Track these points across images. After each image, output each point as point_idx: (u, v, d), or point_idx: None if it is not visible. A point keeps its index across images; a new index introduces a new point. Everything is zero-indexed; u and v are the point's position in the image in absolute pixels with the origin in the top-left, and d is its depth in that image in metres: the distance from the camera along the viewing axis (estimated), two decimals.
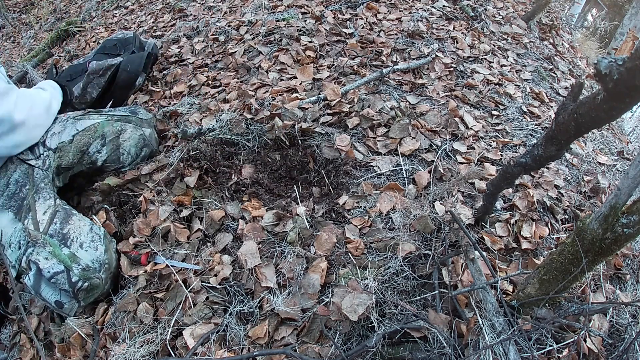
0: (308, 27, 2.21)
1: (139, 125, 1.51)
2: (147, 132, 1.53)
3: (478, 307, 0.97)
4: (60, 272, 1.11)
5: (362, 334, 1.02)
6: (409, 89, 1.83)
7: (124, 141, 1.46)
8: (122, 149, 1.45)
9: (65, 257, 1.13)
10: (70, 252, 1.15)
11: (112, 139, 1.44)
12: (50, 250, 1.13)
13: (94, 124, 1.42)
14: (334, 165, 1.48)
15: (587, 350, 0.96)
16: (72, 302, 1.15)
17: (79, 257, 1.14)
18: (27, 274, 1.14)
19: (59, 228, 1.18)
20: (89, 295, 1.17)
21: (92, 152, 1.41)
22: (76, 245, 1.16)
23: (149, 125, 1.56)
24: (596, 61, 0.58)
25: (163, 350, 1.06)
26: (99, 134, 1.42)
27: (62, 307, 1.15)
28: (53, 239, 1.16)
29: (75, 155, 1.38)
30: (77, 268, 1.13)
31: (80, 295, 1.14)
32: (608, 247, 0.76)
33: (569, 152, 1.69)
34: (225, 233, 1.28)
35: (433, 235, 1.20)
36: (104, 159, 1.43)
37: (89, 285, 1.13)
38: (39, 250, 1.13)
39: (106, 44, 2.07)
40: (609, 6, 7.56)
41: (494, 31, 2.49)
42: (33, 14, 4.39)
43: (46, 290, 1.14)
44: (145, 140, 1.52)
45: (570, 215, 1.37)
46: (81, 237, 1.18)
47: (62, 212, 1.23)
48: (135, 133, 1.48)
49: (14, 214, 1.18)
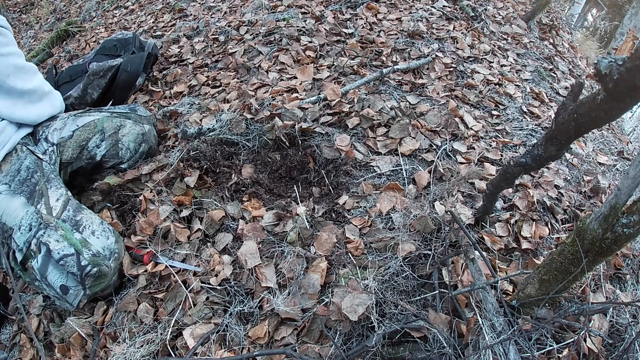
0: (308, 27, 2.21)
1: (138, 121, 1.53)
2: (146, 128, 1.54)
3: (478, 307, 0.97)
4: (71, 255, 1.12)
5: (362, 334, 1.02)
6: (409, 89, 1.83)
7: (123, 136, 1.47)
8: (121, 143, 1.47)
9: (76, 241, 1.14)
10: (82, 237, 1.16)
11: (111, 134, 1.46)
12: (62, 234, 1.14)
13: (93, 120, 1.45)
14: (334, 165, 1.48)
15: (587, 350, 0.96)
16: (78, 288, 1.14)
17: (90, 243, 1.15)
18: (35, 257, 1.13)
19: (72, 215, 1.20)
20: (96, 283, 1.16)
21: (91, 147, 1.43)
22: (88, 232, 1.18)
23: (148, 122, 1.58)
24: (596, 61, 0.58)
25: (163, 350, 1.06)
26: (98, 130, 1.44)
27: (67, 292, 1.14)
28: (66, 223, 1.17)
29: (74, 151, 1.40)
30: (87, 253, 1.13)
31: (87, 281, 1.13)
32: (608, 247, 0.76)
33: (569, 152, 1.69)
34: (225, 233, 1.28)
35: (433, 235, 1.20)
36: (103, 153, 1.45)
37: (97, 271, 1.13)
38: (50, 233, 1.14)
39: (106, 45, 2.06)
40: (609, 6, 7.56)
41: (494, 31, 2.49)
42: (33, 14, 4.39)
43: (53, 273, 1.13)
44: (145, 136, 1.53)
45: (570, 215, 1.37)
46: (93, 226, 1.20)
47: (75, 203, 1.26)
48: (134, 129, 1.50)
49: (27, 199, 1.19)
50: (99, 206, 1.39)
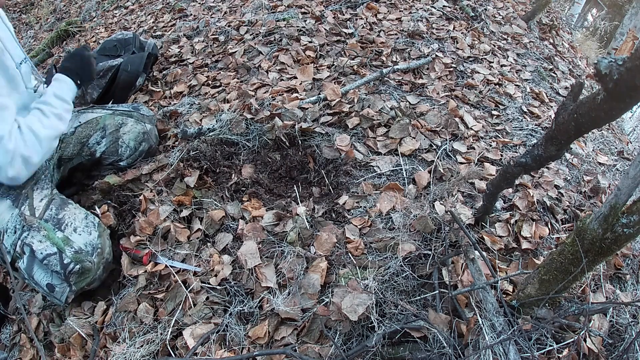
0: (308, 27, 2.21)
1: (140, 120, 1.53)
2: (147, 127, 1.55)
3: (478, 307, 0.97)
4: (53, 254, 1.13)
5: (362, 334, 1.02)
6: (409, 89, 1.83)
7: (124, 134, 1.48)
8: (122, 141, 1.48)
9: (58, 239, 1.15)
10: (64, 235, 1.17)
11: (112, 131, 1.47)
12: (45, 234, 1.15)
13: (96, 118, 1.46)
14: (334, 165, 1.48)
15: (587, 350, 0.96)
16: (64, 285, 1.15)
17: (72, 240, 1.16)
18: (22, 258, 1.15)
19: (54, 214, 1.21)
20: (81, 279, 1.17)
21: (92, 143, 1.45)
22: (70, 229, 1.19)
23: (150, 121, 1.59)
24: (596, 61, 0.58)
25: (163, 350, 1.06)
26: (100, 127, 1.46)
27: (53, 290, 1.16)
28: (48, 223, 1.18)
29: (75, 147, 1.42)
30: (69, 250, 1.14)
31: (71, 278, 1.15)
32: (608, 247, 0.76)
33: (569, 152, 1.69)
34: (225, 233, 1.28)
35: (433, 235, 1.20)
36: (103, 150, 1.46)
37: (80, 267, 1.14)
38: (33, 234, 1.15)
39: (106, 45, 2.06)
40: (609, 6, 7.56)
41: (494, 31, 2.49)
42: (33, 14, 4.39)
43: (38, 272, 1.15)
44: (145, 135, 1.53)
45: (570, 215, 1.37)
46: (75, 223, 1.21)
47: (59, 200, 1.26)
48: (135, 127, 1.50)
49: (12, 202, 1.20)
50: (100, 203, 1.39)
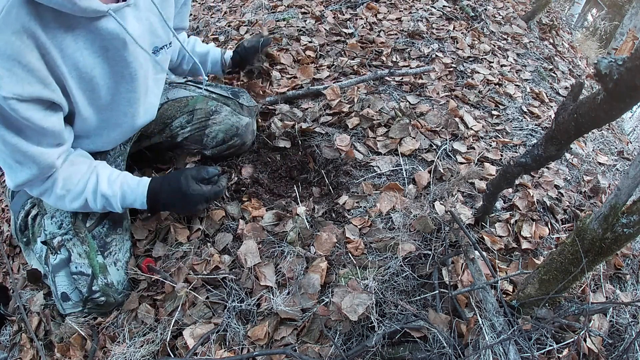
0: (308, 27, 2.21)
1: (237, 111, 1.33)
2: (243, 121, 1.34)
3: (478, 307, 0.97)
4: (86, 275, 1.08)
5: (362, 334, 1.02)
6: (409, 89, 1.83)
7: (214, 124, 1.29)
8: (209, 131, 1.30)
9: (97, 264, 1.09)
10: (103, 262, 1.10)
11: (201, 118, 1.29)
12: (86, 250, 1.08)
13: (186, 97, 1.29)
14: (334, 165, 1.48)
15: (587, 350, 0.96)
16: (78, 304, 1.12)
17: (108, 272, 1.10)
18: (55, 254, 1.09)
19: (104, 233, 1.12)
20: (97, 308, 1.14)
21: (175, 126, 1.29)
22: (111, 259, 1.12)
23: (250, 113, 1.38)
24: (596, 61, 0.58)
25: (163, 350, 1.06)
26: (188, 109, 1.28)
27: (65, 300, 1.11)
28: (94, 241, 1.10)
29: (157, 126, 1.27)
30: (102, 280, 1.09)
31: (89, 304, 1.11)
32: (608, 247, 0.76)
33: (569, 152, 1.69)
34: (225, 233, 1.28)
35: (433, 235, 1.20)
36: (186, 136, 1.31)
37: (103, 300, 1.10)
38: (76, 242, 1.08)
39: None
40: (609, 6, 7.57)
41: (494, 31, 2.49)
42: None
43: (62, 278, 1.09)
44: (239, 130, 1.33)
45: (570, 215, 1.37)
46: (119, 255, 1.14)
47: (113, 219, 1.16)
48: (229, 119, 1.31)
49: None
50: None
